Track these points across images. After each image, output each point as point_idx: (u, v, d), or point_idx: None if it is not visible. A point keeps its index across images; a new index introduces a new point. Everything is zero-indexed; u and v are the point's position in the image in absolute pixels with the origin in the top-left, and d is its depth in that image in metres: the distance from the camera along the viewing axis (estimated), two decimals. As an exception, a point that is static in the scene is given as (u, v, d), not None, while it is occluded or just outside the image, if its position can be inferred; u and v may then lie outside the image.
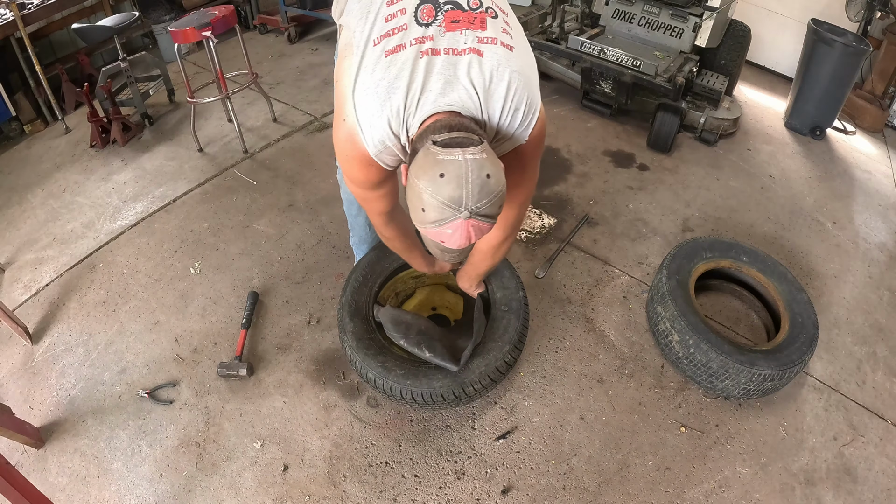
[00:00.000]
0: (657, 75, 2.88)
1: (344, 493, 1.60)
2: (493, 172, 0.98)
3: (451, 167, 0.96)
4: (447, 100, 1.07)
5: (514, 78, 1.09)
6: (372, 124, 1.11)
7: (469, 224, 0.99)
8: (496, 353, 1.65)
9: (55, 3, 3.26)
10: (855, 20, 3.42)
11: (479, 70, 1.07)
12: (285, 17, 4.21)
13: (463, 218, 0.97)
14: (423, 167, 0.98)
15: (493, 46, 1.09)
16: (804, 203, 2.79)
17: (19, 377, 1.94)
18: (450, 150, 0.97)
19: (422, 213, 1.00)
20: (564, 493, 1.61)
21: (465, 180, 0.95)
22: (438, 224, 0.99)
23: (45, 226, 2.59)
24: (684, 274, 1.96)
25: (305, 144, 3.05)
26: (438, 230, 1.01)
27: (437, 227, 1.00)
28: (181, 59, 2.82)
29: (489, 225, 1.02)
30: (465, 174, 0.95)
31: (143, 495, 1.61)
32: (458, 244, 1.03)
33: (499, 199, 1.00)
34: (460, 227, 0.99)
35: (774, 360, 1.70)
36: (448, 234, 1.01)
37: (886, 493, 1.66)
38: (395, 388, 1.59)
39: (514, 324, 1.73)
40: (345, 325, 1.72)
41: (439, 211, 0.97)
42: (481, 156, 0.98)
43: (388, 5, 1.12)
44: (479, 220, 0.99)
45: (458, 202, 0.96)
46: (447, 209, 0.97)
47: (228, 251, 2.38)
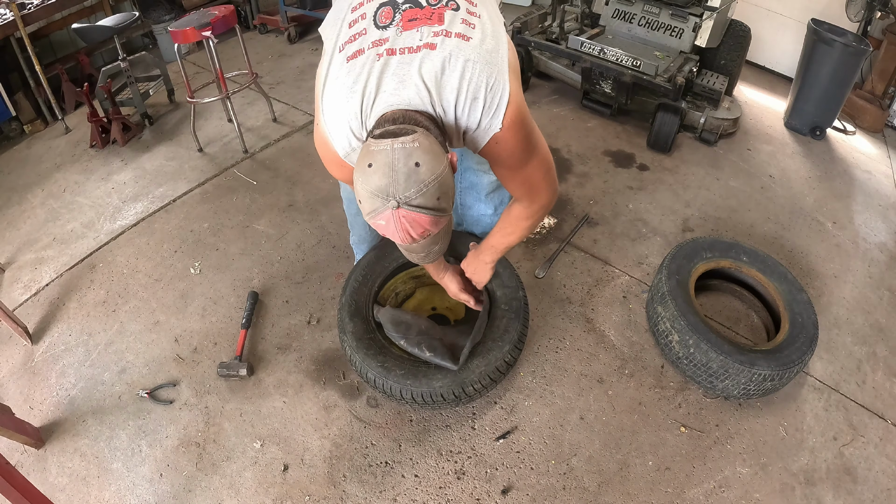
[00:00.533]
0: (657, 75, 2.88)
1: (344, 493, 1.60)
2: (425, 161, 0.96)
3: (380, 157, 0.96)
4: (397, 99, 1.07)
5: (467, 67, 1.07)
6: (338, 128, 1.14)
7: (399, 214, 0.97)
8: (496, 352, 1.65)
9: (55, 3, 3.26)
10: (855, 20, 3.42)
11: (430, 64, 1.07)
12: (285, 17, 4.21)
13: (391, 208, 0.96)
14: (358, 161, 1.00)
15: (447, 39, 1.08)
16: (804, 203, 2.79)
17: (19, 377, 1.94)
18: (381, 140, 0.98)
19: (360, 204, 1.01)
20: (564, 493, 1.61)
21: (391, 168, 0.95)
22: (373, 216, 0.99)
23: (45, 226, 2.59)
24: (684, 274, 1.96)
25: (305, 144, 3.05)
26: (374, 222, 1.01)
27: (372, 219, 1.00)
28: (181, 59, 2.82)
29: (426, 217, 0.99)
30: (391, 162, 0.95)
31: (143, 495, 1.61)
32: (400, 238, 1.02)
33: (433, 188, 0.97)
34: (391, 219, 0.98)
35: (774, 360, 1.70)
36: (383, 227, 1.00)
37: (886, 493, 1.66)
38: (394, 388, 1.59)
39: (514, 323, 1.73)
40: (345, 325, 1.72)
41: (371, 201, 0.98)
42: (412, 144, 0.97)
43: (352, 11, 1.16)
44: (411, 210, 0.96)
45: (385, 192, 0.95)
46: (376, 199, 0.97)
47: (228, 251, 2.38)
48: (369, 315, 1.78)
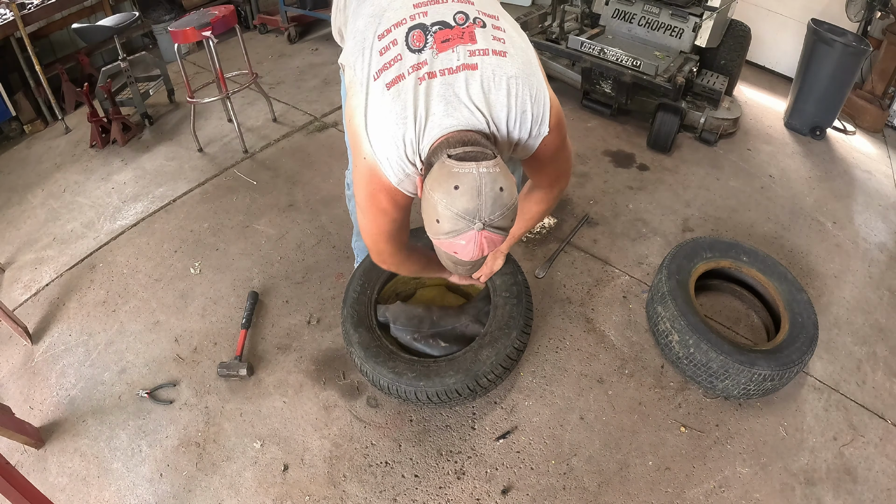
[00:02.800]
0: (657, 75, 2.88)
1: (344, 493, 1.60)
2: (506, 186, 1.01)
3: (466, 179, 0.98)
4: (452, 121, 1.09)
5: (511, 84, 1.11)
6: (389, 157, 1.13)
7: (482, 235, 1.01)
8: (504, 340, 1.66)
9: (55, 3, 3.26)
10: (855, 20, 3.42)
11: (476, 85, 1.10)
12: (285, 17, 4.21)
13: (476, 229, 1.00)
14: (437, 179, 1.01)
15: (485, 57, 1.11)
16: (804, 203, 2.79)
17: (19, 377, 1.94)
18: (464, 163, 1.00)
19: (436, 224, 1.02)
20: (564, 493, 1.61)
21: (478, 192, 0.98)
22: (452, 235, 1.02)
23: (45, 226, 2.59)
24: (684, 274, 1.96)
25: (305, 144, 3.05)
26: (451, 241, 1.03)
27: (450, 239, 1.03)
28: (181, 59, 2.82)
29: (501, 238, 1.04)
30: (479, 186, 0.98)
31: (143, 495, 1.61)
32: (472, 256, 1.04)
33: (511, 211, 1.03)
34: (473, 239, 1.01)
35: (774, 360, 1.70)
36: (461, 246, 1.03)
37: (886, 493, 1.66)
38: (409, 391, 1.60)
39: (518, 308, 1.73)
40: (350, 336, 1.71)
41: (453, 222, 1.00)
42: (495, 169, 1.00)
43: (380, 38, 1.15)
44: (492, 231, 1.01)
45: (473, 214, 0.99)
46: (461, 220, 0.99)
47: (228, 251, 2.38)
48: (373, 322, 1.77)
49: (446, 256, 1.13)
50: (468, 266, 1.15)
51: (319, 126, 3.20)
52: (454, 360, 1.64)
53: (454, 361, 1.63)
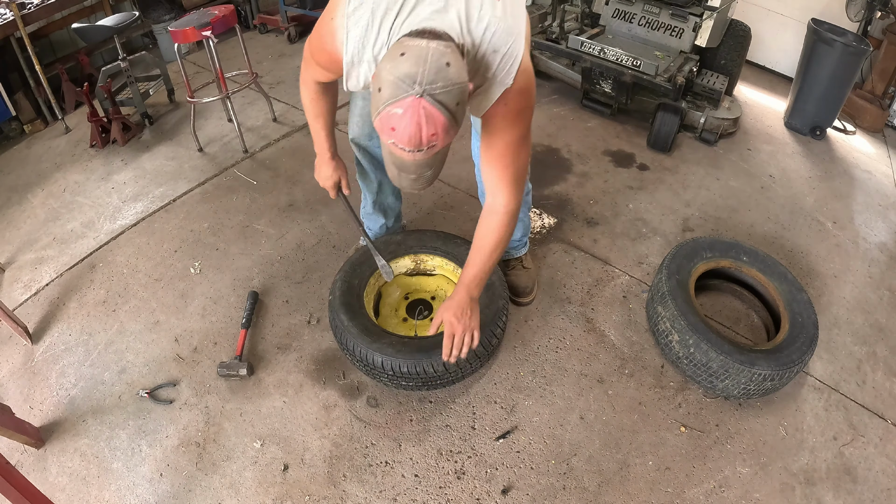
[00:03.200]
0: (657, 75, 2.88)
1: (344, 492, 1.60)
2: (455, 64, 1.02)
3: (414, 49, 1.02)
4: (432, 23, 1.13)
5: (493, 21, 1.15)
6: (354, 33, 1.18)
7: (421, 104, 0.99)
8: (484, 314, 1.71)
9: (55, 3, 3.26)
10: (855, 20, 3.42)
11: (464, 6, 1.13)
12: (285, 16, 4.21)
13: (415, 94, 0.99)
14: (388, 54, 1.06)
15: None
16: (804, 203, 2.79)
17: (19, 377, 1.94)
18: (416, 38, 1.05)
19: (378, 94, 1.03)
20: (564, 492, 1.61)
21: (423, 60, 1.00)
22: (391, 102, 1.01)
23: (45, 225, 2.59)
24: (684, 274, 1.96)
25: (305, 144, 3.05)
26: (390, 112, 1.02)
27: (388, 106, 1.02)
28: (181, 59, 2.82)
29: (442, 117, 1.02)
30: (425, 56, 1.00)
31: (143, 495, 1.61)
32: (408, 134, 1.02)
33: (457, 90, 1.02)
34: (411, 107, 1.00)
35: (774, 360, 1.70)
36: (398, 116, 1.01)
37: (886, 493, 1.66)
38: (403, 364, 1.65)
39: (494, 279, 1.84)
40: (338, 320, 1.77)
41: (393, 87, 1.00)
42: (446, 49, 1.03)
43: None
44: (432, 102, 1.00)
45: (413, 78, 0.99)
46: (401, 85, 1.00)
47: (228, 251, 2.38)
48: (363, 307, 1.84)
49: (389, 155, 1.12)
50: (410, 170, 1.12)
51: (319, 126, 3.19)
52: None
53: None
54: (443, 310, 1.53)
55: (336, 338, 1.80)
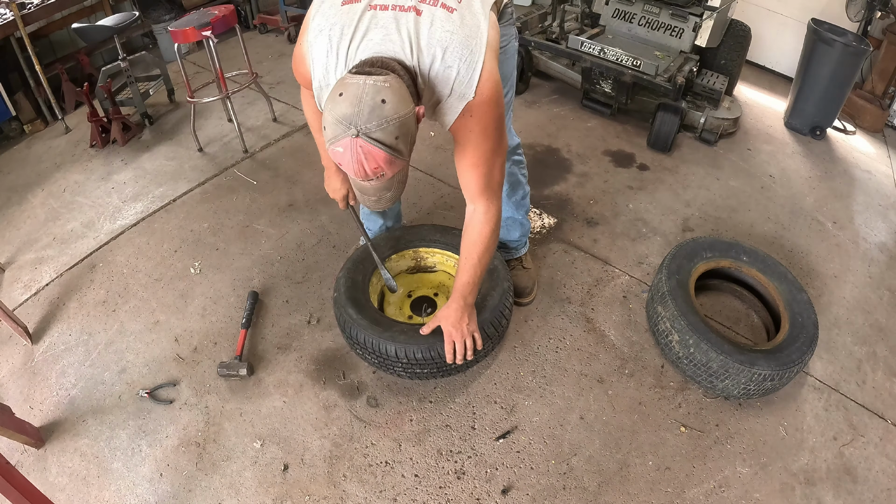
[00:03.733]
0: (657, 75, 2.88)
1: (344, 492, 1.60)
2: (392, 100, 1.05)
3: (351, 89, 1.06)
4: (381, 48, 1.17)
5: (446, 37, 1.17)
6: (321, 61, 1.24)
7: (357, 143, 1.04)
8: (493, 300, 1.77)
9: (55, 3, 3.26)
10: (855, 20, 3.42)
11: (415, 26, 1.17)
12: (285, 16, 4.21)
13: (350, 136, 1.04)
14: (332, 92, 1.09)
15: (433, 7, 1.19)
16: (804, 203, 2.79)
17: (19, 377, 1.94)
18: (356, 76, 1.08)
19: (324, 131, 1.09)
20: (564, 492, 1.61)
21: (359, 100, 1.04)
22: (333, 142, 1.07)
23: (45, 225, 2.59)
24: (684, 274, 1.96)
25: (305, 144, 3.05)
26: (333, 150, 1.08)
27: (332, 146, 1.08)
28: (181, 59, 2.82)
29: (381, 152, 1.06)
30: (360, 95, 1.04)
31: (143, 495, 1.61)
32: (352, 169, 1.09)
33: (393, 126, 1.06)
34: (349, 147, 1.05)
35: (774, 360, 1.70)
36: (340, 154, 1.08)
37: (886, 493, 1.66)
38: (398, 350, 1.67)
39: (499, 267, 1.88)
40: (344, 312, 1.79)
41: (333, 128, 1.06)
42: (383, 83, 1.06)
43: None
44: (368, 141, 1.05)
45: (349, 120, 1.04)
46: (339, 126, 1.05)
47: (228, 251, 2.38)
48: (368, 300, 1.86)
49: (350, 180, 1.20)
50: (369, 193, 1.19)
51: (319, 126, 3.19)
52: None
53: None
54: (440, 318, 1.60)
55: (344, 333, 1.81)
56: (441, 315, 1.61)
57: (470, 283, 1.55)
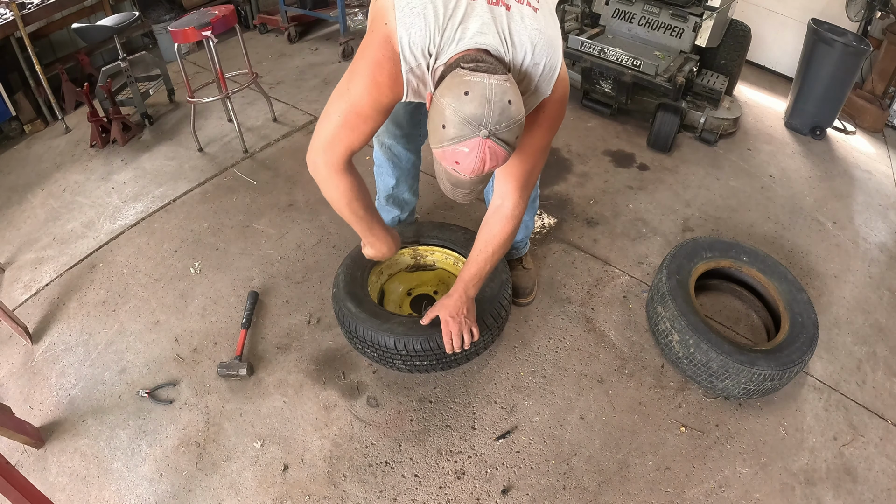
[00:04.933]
0: (657, 75, 2.88)
1: (344, 492, 1.60)
2: (515, 101, 1.05)
3: (477, 87, 1.02)
4: (483, 39, 1.14)
5: (534, 34, 1.18)
6: (413, 39, 1.15)
7: (486, 144, 1.03)
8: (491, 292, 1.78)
9: (55, 3, 3.26)
10: (855, 20, 3.42)
11: (506, 22, 1.16)
12: (285, 16, 4.21)
13: (481, 136, 1.02)
14: (449, 86, 1.05)
15: (520, 5, 1.19)
16: (804, 203, 2.79)
17: (19, 377, 1.94)
18: (477, 73, 1.04)
19: (441, 130, 1.05)
20: (564, 492, 1.61)
21: (488, 100, 1.01)
22: (456, 142, 1.04)
23: (45, 225, 2.59)
24: (684, 274, 1.96)
25: (305, 144, 3.01)
26: (455, 149, 1.05)
27: (454, 145, 1.05)
28: (181, 59, 2.82)
29: (504, 152, 1.06)
30: (488, 95, 1.01)
31: (143, 495, 1.61)
32: (472, 168, 1.06)
33: (517, 127, 1.06)
34: (476, 147, 1.03)
35: (774, 360, 1.70)
36: (464, 154, 1.05)
37: (886, 493, 1.66)
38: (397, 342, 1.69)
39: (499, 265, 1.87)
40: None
41: (459, 128, 1.03)
42: (506, 83, 1.05)
43: None
44: (496, 142, 1.04)
45: (479, 120, 1.01)
46: (467, 126, 1.02)
47: (228, 251, 2.38)
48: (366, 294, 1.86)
49: (445, 174, 1.14)
50: (465, 187, 1.15)
51: (319, 126, 3.19)
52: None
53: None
54: (439, 307, 1.61)
55: (343, 328, 1.82)
56: (441, 303, 1.62)
57: (476, 276, 1.55)
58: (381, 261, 1.87)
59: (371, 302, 1.83)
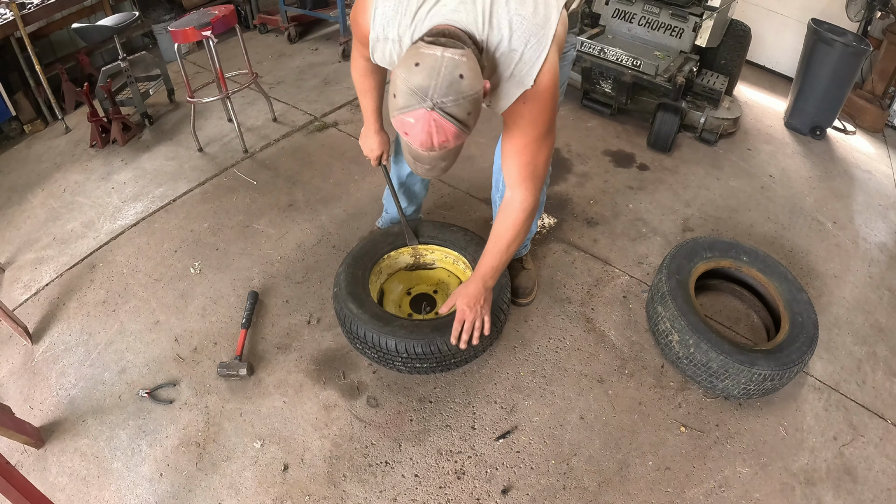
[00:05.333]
0: (657, 75, 2.88)
1: (344, 492, 1.60)
2: (468, 76, 1.04)
3: (428, 59, 1.04)
4: (456, 16, 1.15)
5: (515, 20, 1.16)
6: (382, 11, 1.21)
7: (431, 116, 1.04)
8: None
9: (55, 3, 3.26)
10: (855, 20, 3.42)
11: (490, 1, 1.15)
12: (285, 16, 4.21)
13: (426, 108, 1.03)
14: (404, 58, 1.08)
15: None
16: (804, 203, 2.79)
17: (19, 377, 1.94)
18: (433, 46, 1.06)
19: (393, 99, 1.08)
20: (564, 492, 1.61)
21: (436, 72, 1.02)
22: (404, 111, 1.06)
23: (45, 225, 2.59)
24: (684, 274, 1.96)
25: (305, 144, 3.05)
26: (403, 119, 1.07)
27: (402, 115, 1.07)
28: (181, 59, 2.82)
29: (453, 127, 1.06)
30: (438, 67, 1.03)
31: (143, 495, 1.61)
32: (419, 140, 1.08)
33: (468, 103, 1.05)
34: (422, 119, 1.04)
35: (774, 360, 1.70)
36: (411, 125, 1.07)
37: (886, 493, 1.66)
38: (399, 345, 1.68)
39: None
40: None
41: (406, 97, 1.05)
42: (461, 58, 1.04)
43: None
44: (442, 115, 1.04)
45: (425, 91, 1.02)
46: (414, 97, 1.04)
47: (228, 251, 2.38)
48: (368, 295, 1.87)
49: (406, 145, 1.16)
50: (424, 161, 1.17)
51: (319, 126, 3.20)
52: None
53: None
54: (456, 295, 1.61)
55: (344, 329, 1.82)
56: (458, 292, 1.61)
57: (493, 268, 1.56)
58: (368, 158, 1.94)
59: (372, 302, 1.83)
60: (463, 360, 1.81)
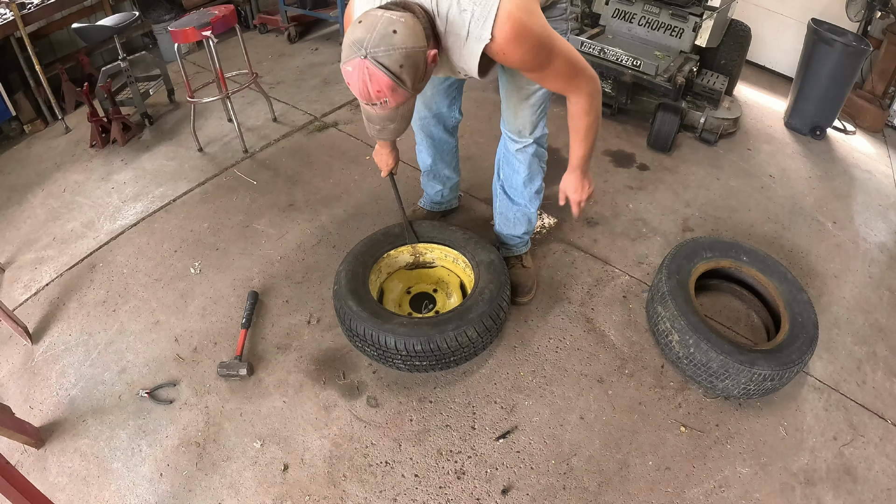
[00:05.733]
0: (657, 75, 2.88)
1: (344, 492, 1.60)
2: (402, 32, 1.17)
3: (368, 18, 1.19)
4: None
5: None
6: (361, 6, 1.33)
7: (364, 64, 1.16)
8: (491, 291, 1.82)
9: (55, 3, 3.26)
10: (855, 20, 3.42)
11: None
12: (285, 16, 4.21)
13: (360, 56, 1.16)
14: (353, 21, 1.22)
15: None
16: (804, 203, 2.79)
17: (19, 377, 1.94)
18: (378, 9, 1.21)
19: (341, 53, 1.22)
20: (564, 492, 1.61)
21: (372, 27, 1.16)
22: (344, 62, 1.20)
23: (45, 225, 2.59)
24: (684, 274, 1.96)
25: (305, 144, 3.05)
26: (344, 67, 1.21)
27: (343, 65, 1.20)
28: (181, 59, 2.82)
29: (385, 77, 1.17)
30: (375, 23, 1.17)
31: (143, 495, 1.61)
32: (357, 88, 1.20)
33: (398, 55, 1.16)
34: (357, 67, 1.17)
35: (774, 360, 1.70)
36: (349, 73, 1.20)
37: (886, 493, 1.66)
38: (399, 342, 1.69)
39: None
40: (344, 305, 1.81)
41: (347, 49, 1.19)
42: (398, 18, 1.17)
43: None
44: (374, 64, 1.16)
45: (361, 43, 1.16)
46: (352, 48, 1.18)
47: (228, 251, 2.38)
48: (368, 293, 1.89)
49: (362, 108, 1.31)
50: (375, 122, 1.32)
51: (319, 126, 3.20)
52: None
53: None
54: (563, 189, 1.75)
55: (344, 327, 1.82)
56: (563, 186, 1.74)
57: (582, 157, 1.65)
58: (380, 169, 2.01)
59: (372, 300, 1.83)
60: (463, 359, 1.81)
